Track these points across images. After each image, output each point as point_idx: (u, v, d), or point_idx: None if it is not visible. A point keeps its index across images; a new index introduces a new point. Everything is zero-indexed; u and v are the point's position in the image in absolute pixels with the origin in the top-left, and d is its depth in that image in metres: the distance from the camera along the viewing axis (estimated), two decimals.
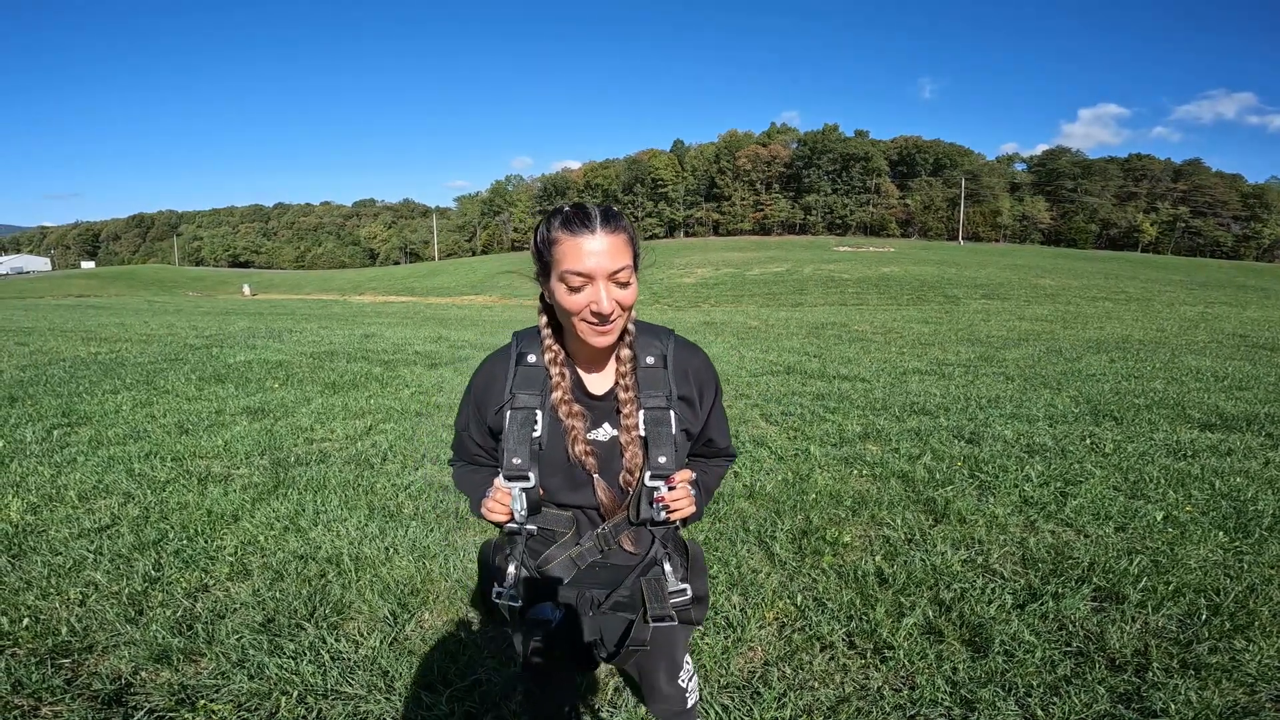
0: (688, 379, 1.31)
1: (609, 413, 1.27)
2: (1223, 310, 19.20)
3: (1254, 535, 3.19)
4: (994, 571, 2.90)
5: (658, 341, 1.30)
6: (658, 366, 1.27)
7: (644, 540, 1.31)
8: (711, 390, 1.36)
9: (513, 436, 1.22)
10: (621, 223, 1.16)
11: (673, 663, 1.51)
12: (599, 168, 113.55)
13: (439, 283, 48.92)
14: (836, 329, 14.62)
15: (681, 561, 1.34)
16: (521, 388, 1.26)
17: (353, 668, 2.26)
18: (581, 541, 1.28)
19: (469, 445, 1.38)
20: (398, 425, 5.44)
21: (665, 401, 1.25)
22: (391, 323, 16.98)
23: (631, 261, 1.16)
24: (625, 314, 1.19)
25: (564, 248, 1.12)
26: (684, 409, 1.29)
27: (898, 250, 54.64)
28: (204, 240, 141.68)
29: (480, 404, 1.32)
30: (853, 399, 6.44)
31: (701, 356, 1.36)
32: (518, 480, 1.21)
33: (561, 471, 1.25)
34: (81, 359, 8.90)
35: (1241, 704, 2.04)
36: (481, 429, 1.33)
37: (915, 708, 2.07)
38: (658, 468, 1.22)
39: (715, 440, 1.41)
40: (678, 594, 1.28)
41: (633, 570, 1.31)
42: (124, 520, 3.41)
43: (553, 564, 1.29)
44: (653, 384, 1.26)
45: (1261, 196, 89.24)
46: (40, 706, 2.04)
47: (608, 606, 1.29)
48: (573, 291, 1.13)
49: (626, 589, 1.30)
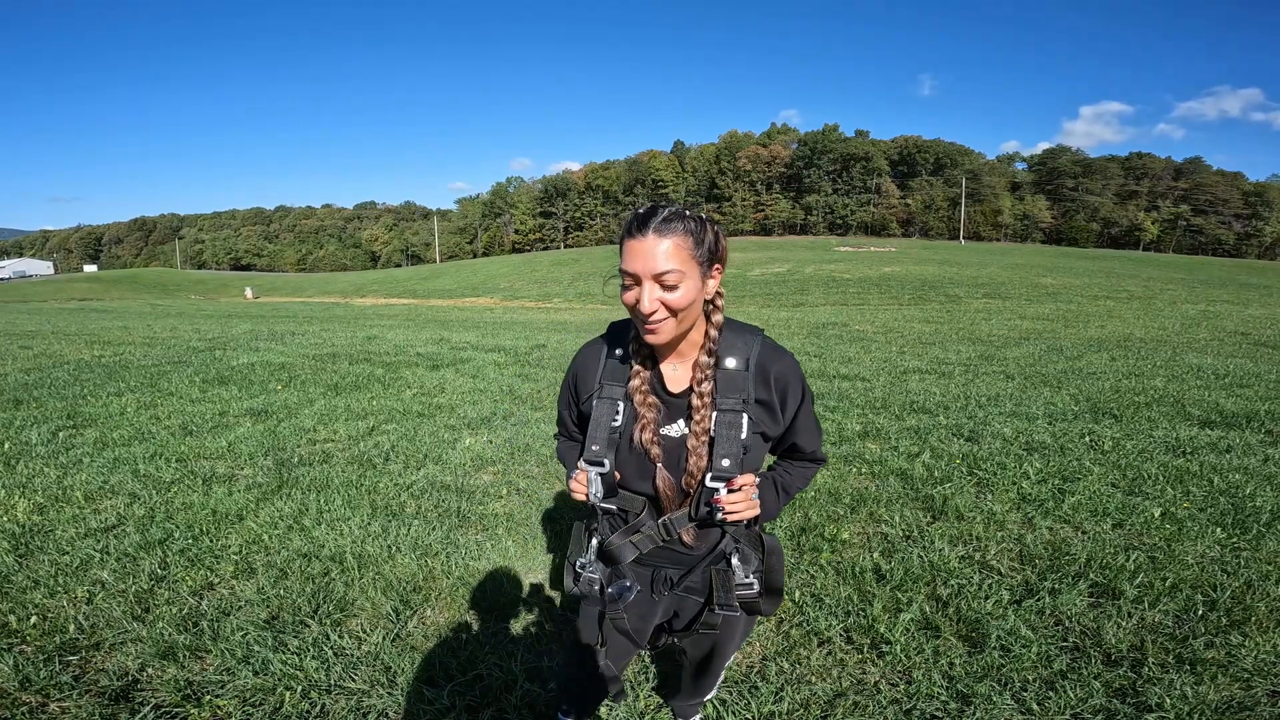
0: (768, 383, 1.31)
1: (683, 410, 1.31)
2: (1224, 308, 19.15)
3: (1252, 531, 3.20)
4: (991, 567, 2.92)
5: (742, 342, 1.32)
6: (739, 369, 1.29)
7: (708, 537, 1.36)
8: (797, 396, 1.35)
9: (596, 424, 1.32)
10: (677, 225, 1.17)
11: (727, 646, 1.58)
12: (599, 169, 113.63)
13: (440, 285, 49.01)
14: (837, 328, 14.63)
15: (755, 555, 1.37)
16: (609, 378, 1.34)
17: (356, 663, 2.29)
18: (644, 529, 1.34)
19: (568, 422, 1.50)
20: (400, 426, 5.46)
21: (740, 405, 1.27)
22: (393, 325, 17.01)
23: (684, 266, 1.17)
24: (674, 316, 1.20)
25: (624, 248, 1.20)
26: (761, 412, 1.30)
27: (899, 250, 54.61)
28: (206, 243, 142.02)
29: (575, 390, 1.42)
30: (852, 398, 6.46)
31: (788, 361, 1.34)
32: (594, 465, 1.30)
33: (633, 458, 1.32)
34: (85, 362, 8.94)
35: (1237, 699, 2.05)
36: (574, 411, 1.44)
37: (912, 702, 2.09)
38: (719, 470, 1.25)
39: (800, 445, 1.42)
40: (744, 587, 1.34)
41: (701, 559, 1.37)
42: (130, 520, 3.44)
43: (618, 545, 1.35)
44: (730, 387, 1.28)
45: (1263, 194, 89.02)
46: (48, 703, 2.07)
47: (680, 589, 1.39)
48: (625, 289, 1.21)
49: (697, 576, 1.38)
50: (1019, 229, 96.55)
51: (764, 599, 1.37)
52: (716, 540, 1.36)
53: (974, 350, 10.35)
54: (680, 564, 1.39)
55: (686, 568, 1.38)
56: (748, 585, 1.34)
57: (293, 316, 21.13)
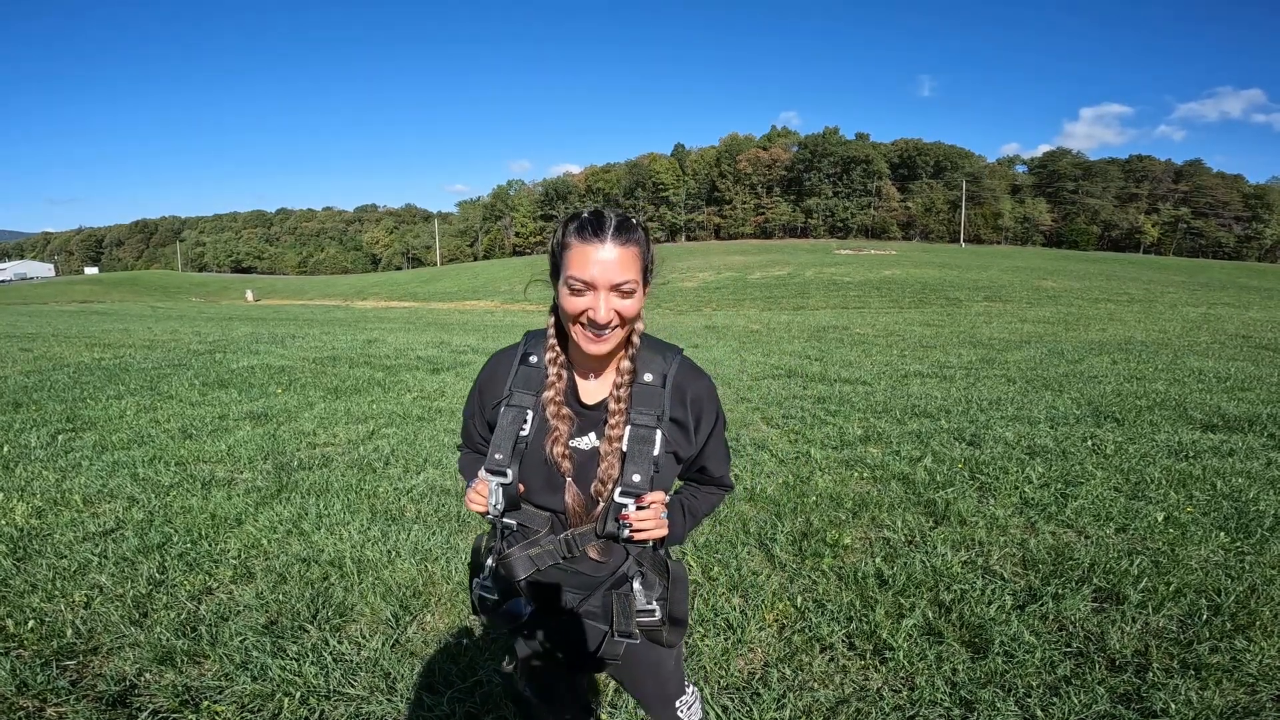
0: (684, 402, 1.28)
1: (597, 423, 1.27)
2: (1225, 311, 19.15)
3: (1255, 535, 3.18)
4: (994, 573, 2.91)
5: (661, 359, 1.28)
6: (655, 385, 1.26)
7: (615, 554, 1.29)
8: (711, 418, 1.32)
9: (502, 433, 1.25)
10: (635, 235, 1.15)
11: (661, 686, 1.48)
12: (600, 172, 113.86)
13: (441, 288, 49.05)
14: (838, 332, 14.62)
15: (659, 581, 1.31)
16: (520, 386, 1.28)
17: (355, 669, 2.27)
18: (542, 543, 1.27)
19: (473, 434, 1.42)
20: (400, 429, 5.45)
21: (654, 421, 1.24)
22: (394, 328, 17.02)
23: (638, 275, 1.16)
24: (625, 325, 1.19)
25: (573, 253, 1.14)
26: (674, 431, 1.27)
27: (899, 253, 54.64)
28: (207, 246, 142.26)
29: (482, 398, 1.36)
30: (854, 402, 6.45)
31: (705, 382, 1.31)
32: (496, 475, 1.24)
33: (541, 471, 1.26)
34: (86, 364, 8.94)
35: (1242, 704, 2.04)
36: (481, 420, 1.37)
37: (914, 708, 2.07)
38: (629, 485, 1.21)
39: (709, 469, 1.38)
40: (645, 614, 1.28)
41: (603, 582, 1.31)
42: (128, 524, 3.43)
43: (513, 560, 1.28)
44: (646, 401, 1.25)
45: (1263, 197, 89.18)
46: (45, 707, 2.06)
47: (581, 612, 1.32)
48: (574, 295, 1.15)
49: (597, 599, 1.31)
50: (1019, 232, 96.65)
51: (666, 628, 1.30)
52: (620, 562, 1.30)
53: (975, 354, 10.34)
54: (580, 586, 1.31)
55: (587, 590, 1.31)
56: (649, 611, 1.27)
57: (293, 319, 21.14)
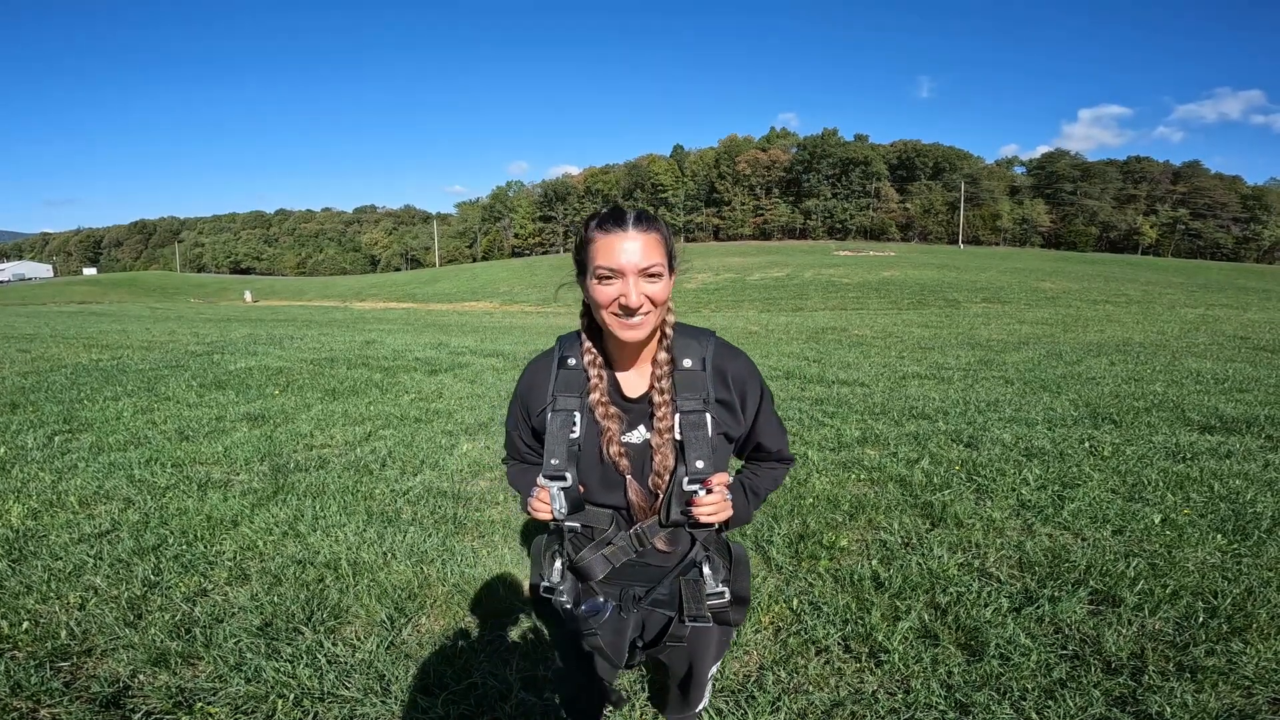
0: (727, 383, 1.30)
1: (643, 415, 1.29)
2: (1223, 312, 19.17)
3: (1252, 538, 3.18)
4: (990, 575, 2.90)
5: (696, 344, 1.30)
6: (695, 369, 1.28)
7: (681, 541, 1.33)
8: (756, 394, 1.34)
9: (553, 438, 1.27)
10: (655, 224, 1.19)
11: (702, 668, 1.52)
12: (599, 173, 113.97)
13: (440, 289, 49.03)
14: (836, 333, 14.63)
15: (724, 564, 1.35)
16: (562, 390, 1.30)
17: (349, 671, 2.27)
18: (615, 541, 1.31)
19: (519, 444, 1.43)
20: (397, 431, 5.45)
21: (701, 405, 1.26)
22: (392, 329, 17.01)
23: (664, 259, 1.18)
24: (656, 310, 1.20)
25: (598, 245, 1.17)
26: (722, 413, 1.29)
27: (898, 254, 54.71)
28: (205, 246, 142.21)
29: (525, 406, 1.37)
30: (851, 403, 6.45)
31: (743, 360, 1.34)
32: (555, 480, 1.26)
33: (598, 471, 1.28)
34: (83, 365, 8.93)
35: (1238, 707, 2.04)
36: (527, 429, 1.38)
37: (910, 711, 2.07)
38: (695, 472, 1.23)
39: (765, 444, 1.41)
40: (715, 596, 1.31)
41: (671, 570, 1.34)
42: (124, 525, 3.42)
43: (588, 561, 1.31)
44: (689, 387, 1.26)
45: (1261, 198, 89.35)
46: (39, 709, 2.05)
47: (648, 603, 1.34)
48: (604, 284, 1.17)
49: (665, 587, 1.34)
50: (1018, 233, 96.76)
51: (732, 608, 1.34)
52: (687, 549, 1.33)
53: (973, 355, 10.34)
54: (648, 578, 1.35)
55: (654, 581, 1.35)
56: (718, 594, 1.31)
57: (291, 320, 21.13)
